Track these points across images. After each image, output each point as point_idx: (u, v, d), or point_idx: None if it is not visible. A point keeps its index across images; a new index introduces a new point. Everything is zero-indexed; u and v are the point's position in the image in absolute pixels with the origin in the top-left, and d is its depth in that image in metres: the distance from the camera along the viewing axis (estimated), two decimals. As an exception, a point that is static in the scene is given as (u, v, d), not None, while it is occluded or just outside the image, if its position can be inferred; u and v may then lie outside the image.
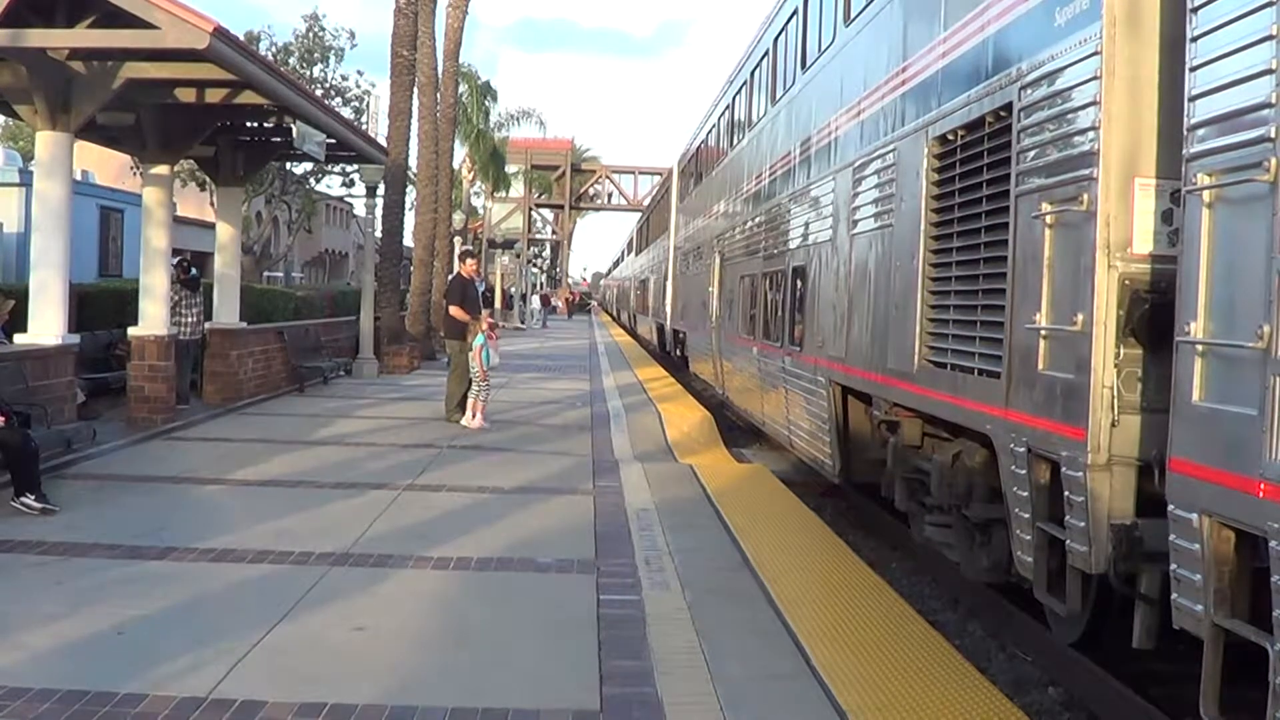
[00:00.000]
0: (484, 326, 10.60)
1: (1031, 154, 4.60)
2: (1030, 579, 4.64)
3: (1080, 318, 4.14)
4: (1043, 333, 4.41)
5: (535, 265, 61.96)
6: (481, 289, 16.02)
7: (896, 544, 7.54)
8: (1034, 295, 4.48)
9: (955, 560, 5.92)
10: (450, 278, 11.84)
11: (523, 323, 40.32)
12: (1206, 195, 3.39)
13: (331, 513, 6.34)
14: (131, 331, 9.76)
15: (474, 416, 10.36)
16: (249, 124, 11.45)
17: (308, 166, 27.49)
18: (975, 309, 5.17)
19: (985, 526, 5.47)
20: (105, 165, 26.04)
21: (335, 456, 8.38)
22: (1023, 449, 4.56)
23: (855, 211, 7.33)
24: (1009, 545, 4.85)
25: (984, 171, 5.11)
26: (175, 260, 12.56)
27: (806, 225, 9.06)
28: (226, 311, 11.80)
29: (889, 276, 6.44)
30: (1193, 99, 3.50)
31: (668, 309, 23.78)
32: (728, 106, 14.86)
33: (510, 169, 43.79)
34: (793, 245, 9.63)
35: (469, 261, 11.07)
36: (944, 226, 5.63)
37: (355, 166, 23.35)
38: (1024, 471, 4.56)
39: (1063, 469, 4.23)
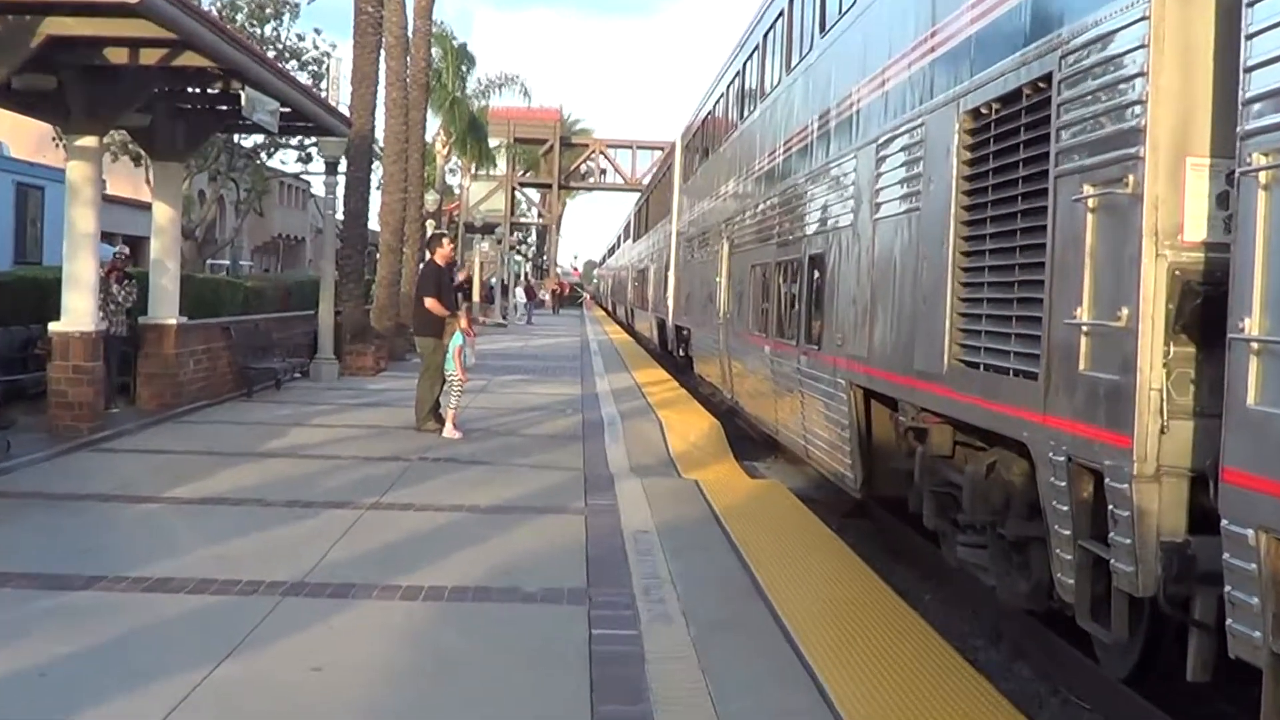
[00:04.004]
0: (463, 323, 10.71)
1: (1072, 130, 4.70)
2: (1072, 603, 4.72)
3: (1125, 312, 4.23)
4: (1084, 329, 4.51)
5: (519, 252, 62.05)
6: (459, 279, 16.14)
7: (930, 570, 7.62)
8: (1074, 287, 4.58)
9: (991, 585, 6.01)
10: (421, 266, 11.93)
11: (504, 318, 40.43)
12: (1263, 176, 3.49)
13: (284, 535, 6.41)
14: (53, 327, 9.76)
15: (452, 426, 10.46)
16: (190, 90, 11.50)
17: (259, 139, 27.57)
18: (1010, 303, 5.26)
19: (1024, 546, 5.55)
20: (21, 135, 25.98)
21: (289, 471, 8.47)
22: (1063, 458, 4.65)
23: (879, 194, 7.41)
24: (1050, 567, 4.92)
25: (1020, 149, 5.20)
26: (116, 250, 12.67)
27: (825, 209, 9.14)
28: (164, 304, 11.72)
29: (916, 266, 6.53)
30: (1249, 70, 3.60)
31: (669, 303, 23.87)
32: (737, 74, 14.95)
33: (491, 143, 43.97)
34: (809, 231, 9.70)
35: (443, 246, 11.15)
36: (976, 210, 5.73)
37: (313, 139, 23.44)
38: (1064, 483, 4.65)
39: (1106, 480, 4.32)
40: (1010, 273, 5.28)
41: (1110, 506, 4.32)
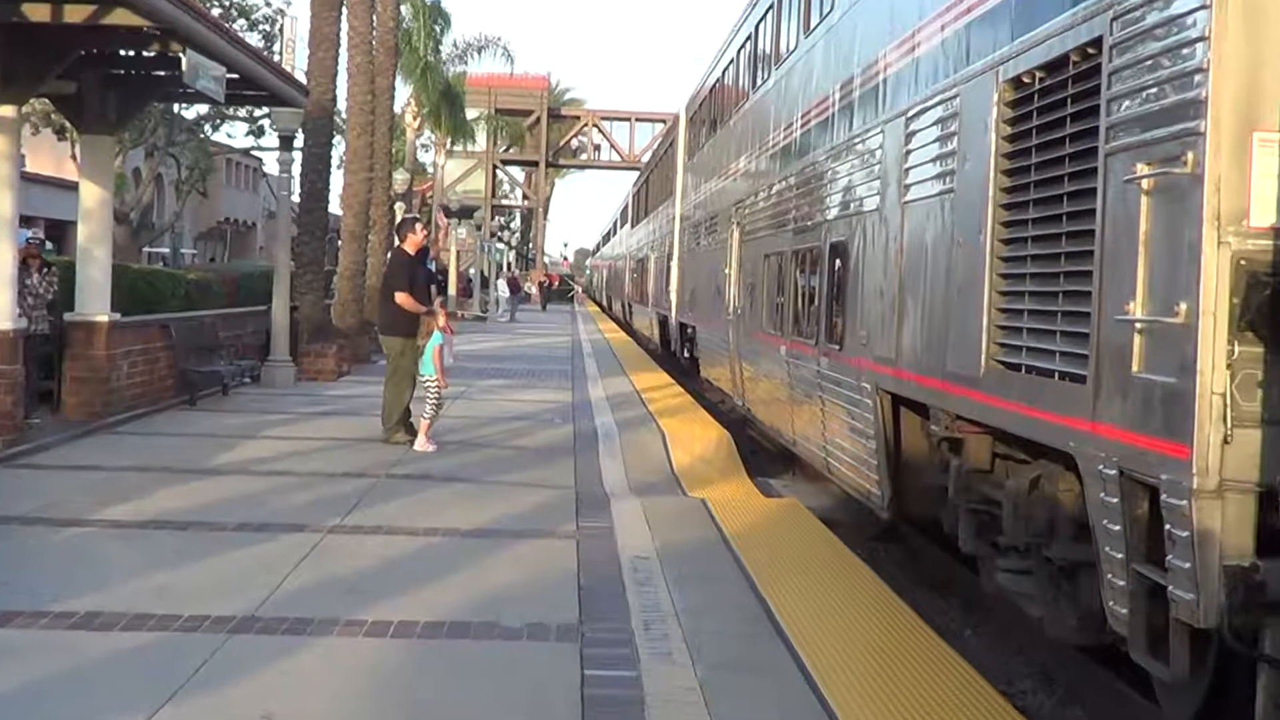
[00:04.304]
0: (441, 321, 10.79)
1: (1124, 102, 4.78)
2: (1125, 636, 4.78)
3: (1183, 307, 4.29)
4: (1137, 326, 4.58)
5: (501, 239, 62.12)
6: (432, 269, 16.10)
7: (970, 601, 7.70)
8: (1127, 279, 4.65)
9: (1036, 616, 6.07)
10: (390, 255, 12.01)
11: (484, 313, 40.56)
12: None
13: (233, 563, 6.47)
14: (-37, 326, 9.81)
15: (425, 438, 10.56)
16: (123, 53, 11.57)
17: (202, 109, 27.69)
18: (1055, 296, 5.33)
19: (1072, 572, 5.61)
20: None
21: (238, 489, 8.55)
22: (1114, 472, 4.72)
23: (908, 173, 7.48)
24: (1101, 595, 4.99)
25: (1067, 124, 5.27)
26: (29, 234, 12.70)
27: (847, 190, 9.21)
28: (93, 298, 11.70)
29: (949, 255, 6.59)
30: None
31: (672, 297, 23.97)
32: (749, 36, 15.03)
33: (468, 114, 44.02)
34: (830, 216, 9.78)
35: (415, 232, 11.17)
36: (1017, 193, 5.80)
37: (265, 110, 23.56)
38: (1115, 500, 4.72)
39: (1163, 496, 4.39)
40: (1055, 263, 5.35)
41: (1167, 526, 4.38)
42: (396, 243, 11.66)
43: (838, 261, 9.44)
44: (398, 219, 18.85)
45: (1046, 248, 5.46)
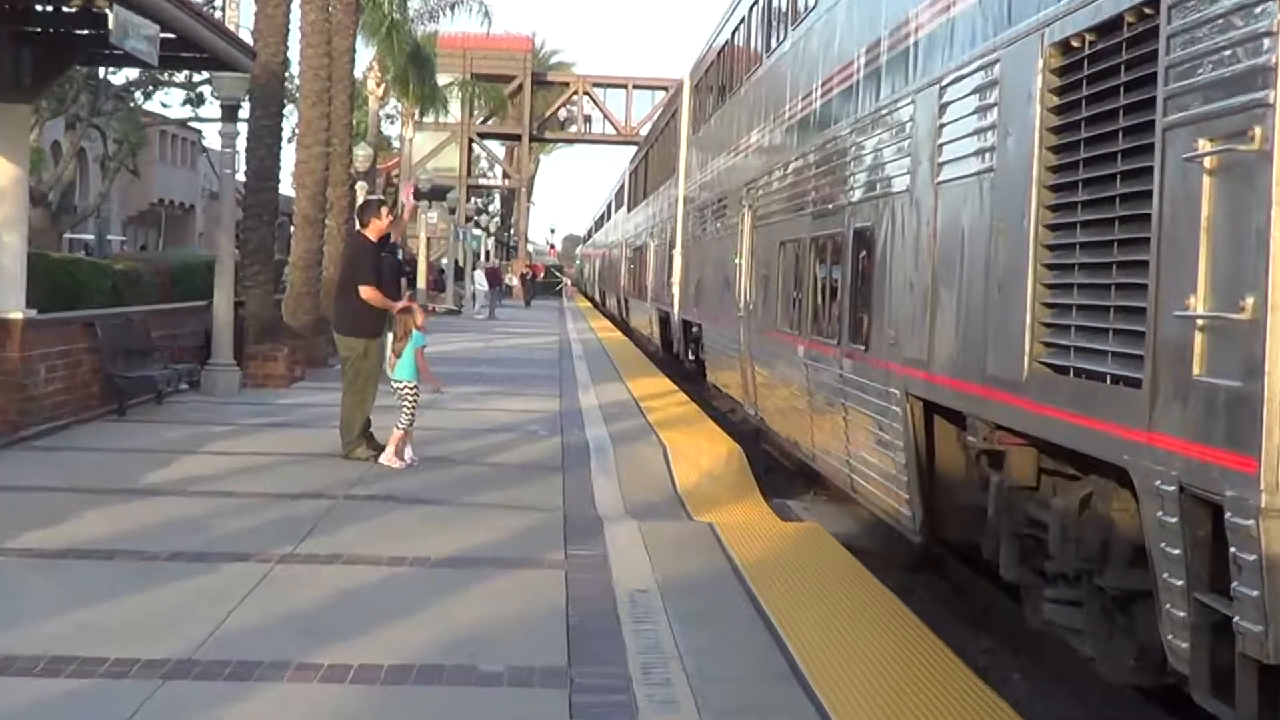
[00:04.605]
0: (420, 320, 10.83)
1: (1184, 69, 4.83)
2: (1187, 674, 4.83)
3: (1250, 301, 4.34)
4: (1199, 323, 4.63)
5: (478, 224, 62.25)
6: (399, 258, 16.04)
7: (1017, 638, 7.75)
8: (1187, 270, 4.71)
9: (1089, 654, 6.12)
10: (348, 242, 12.00)
11: (459, 308, 40.62)
12: None
13: (167, 598, 6.48)
14: None
15: (398, 451, 10.60)
16: (40, 8, 11.57)
17: (133, 74, 27.75)
18: (1107, 289, 5.39)
19: (1128, 602, 5.65)
20: None
21: (174, 512, 8.59)
22: (1173, 488, 4.77)
23: (942, 150, 7.54)
24: (1159, 628, 5.04)
25: (1120, 94, 5.33)
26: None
27: (874, 169, 9.28)
28: (5, 292, 11.64)
29: (989, 243, 6.65)
30: None
31: (674, 291, 24.05)
32: (764, -11, 15.13)
33: (440, 81, 44.13)
34: (855, 198, 9.85)
35: (380, 216, 11.12)
36: (1065, 172, 5.85)
37: (205, 75, 23.61)
38: (1174, 520, 4.77)
39: (1227, 515, 4.44)
40: (1107, 251, 5.42)
41: (1232, 549, 4.44)
42: (357, 227, 11.69)
43: (862, 250, 9.48)
44: (359, 201, 18.93)
45: (1097, 234, 5.52)
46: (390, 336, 10.98)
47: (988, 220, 6.72)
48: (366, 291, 10.67)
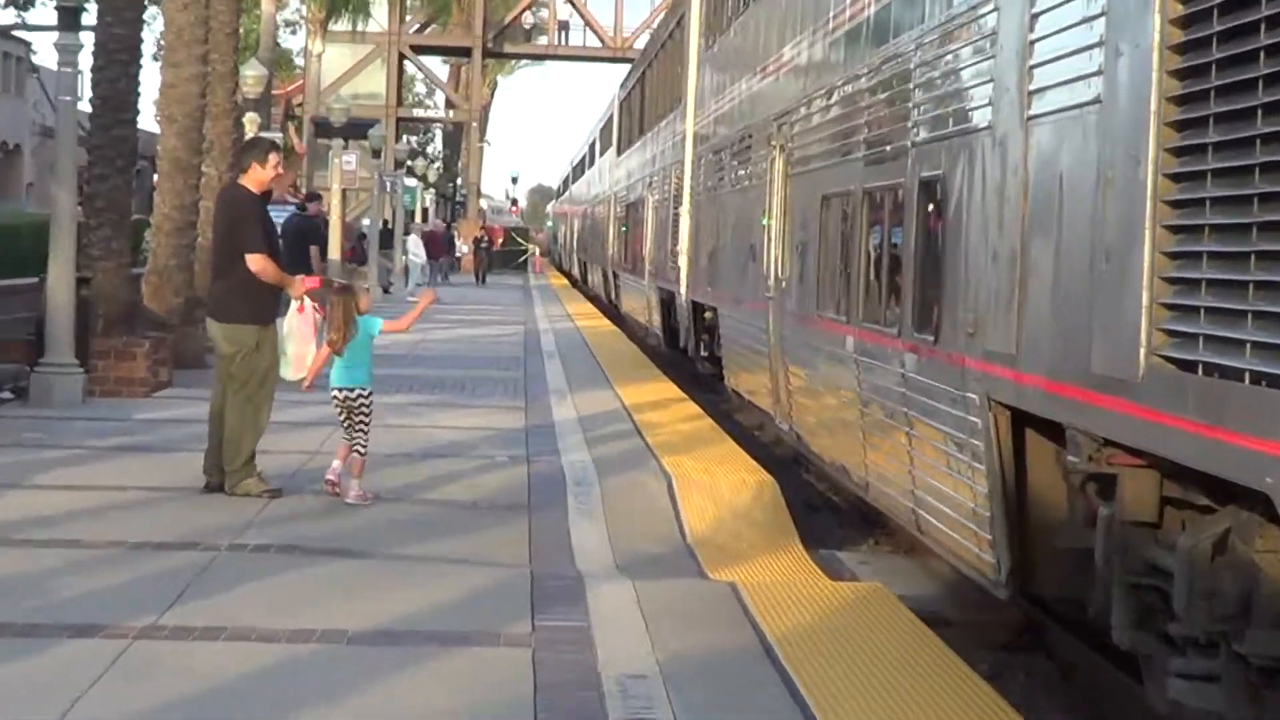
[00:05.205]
0: (364, 303, 10.83)
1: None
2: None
3: None
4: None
5: (414, 172, 62.15)
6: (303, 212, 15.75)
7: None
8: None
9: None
10: (225, 196, 11.77)
11: (388, 288, 40.54)
12: None
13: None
14: None
15: (359, 482, 10.66)
16: None
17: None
18: (1246, 259, 5.38)
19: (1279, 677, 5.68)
20: None
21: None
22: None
23: (1034, 74, 7.51)
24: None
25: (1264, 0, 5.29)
26: None
27: (946, 98, 9.27)
28: None
29: (1095, 197, 6.63)
30: None
31: (681, 263, 24.00)
32: None
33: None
34: (920, 137, 9.84)
35: (266, 161, 11.01)
36: (1195, 104, 5.83)
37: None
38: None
39: None
40: (1247, 208, 5.39)
41: None
42: (238, 178, 11.57)
43: (930, 206, 9.49)
44: (247, 139, 18.79)
45: (1236, 186, 5.48)
46: (286, 326, 10.95)
47: (1092, 167, 6.71)
48: (256, 262, 10.60)
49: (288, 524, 10.06)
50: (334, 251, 32.28)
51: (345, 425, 10.82)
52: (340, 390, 10.76)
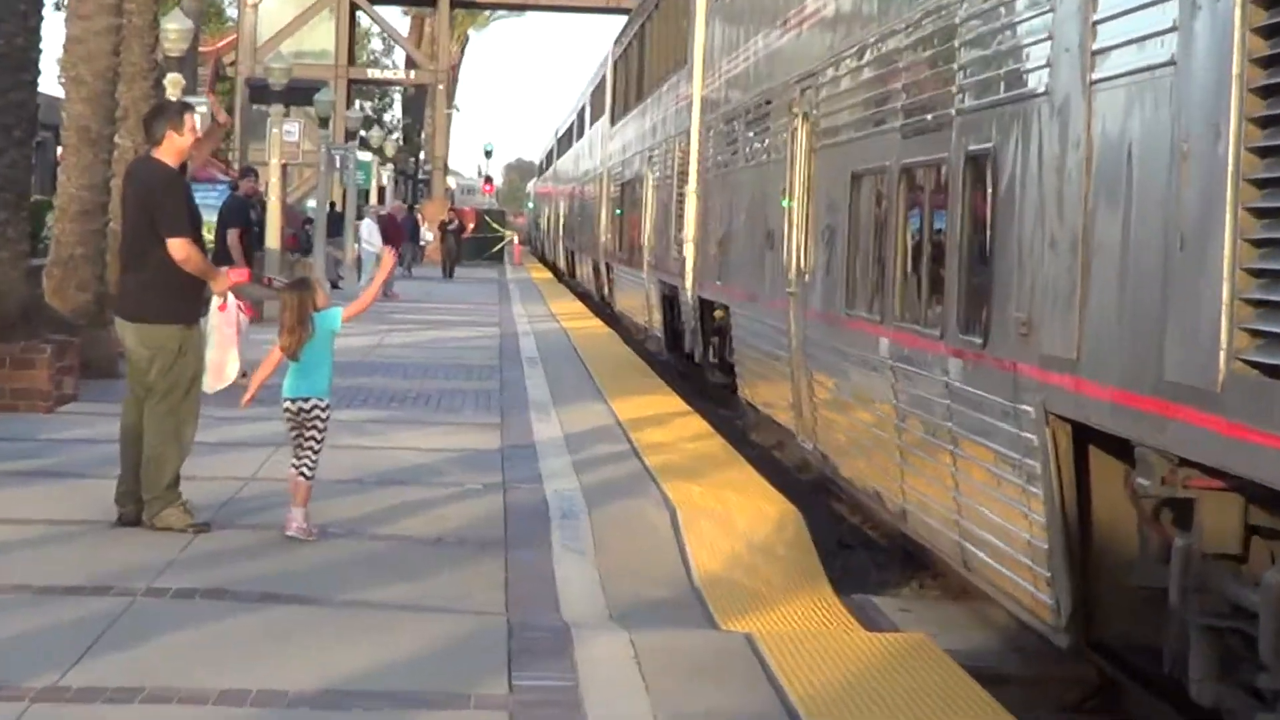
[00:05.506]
0: (320, 299, 10.78)
1: None
2: None
3: None
4: None
5: (369, 145, 62.32)
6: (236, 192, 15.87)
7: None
8: None
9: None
10: (135, 171, 11.72)
11: (337, 283, 40.60)
12: None
13: None
14: None
15: (303, 513, 10.66)
16: None
17: None
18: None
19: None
20: None
21: None
22: None
23: (1098, 31, 7.56)
24: None
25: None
26: None
27: (997, 59, 9.34)
28: None
29: (1168, 175, 6.67)
30: None
31: (686, 253, 24.11)
32: None
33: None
34: (966, 103, 9.92)
35: (180, 130, 10.93)
36: (1280, 67, 5.86)
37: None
38: None
39: None
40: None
41: None
42: (150, 150, 11.49)
43: (977, 186, 9.55)
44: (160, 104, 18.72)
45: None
46: (205, 326, 10.94)
47: (1165, 140, 6.77)
48: (180, 248, 10.57)
49: (216, 563, 10.03)
50: (272, 240, 31.92)
51: (295, 443, 10.74)
52: (294, 401, 10.67)
